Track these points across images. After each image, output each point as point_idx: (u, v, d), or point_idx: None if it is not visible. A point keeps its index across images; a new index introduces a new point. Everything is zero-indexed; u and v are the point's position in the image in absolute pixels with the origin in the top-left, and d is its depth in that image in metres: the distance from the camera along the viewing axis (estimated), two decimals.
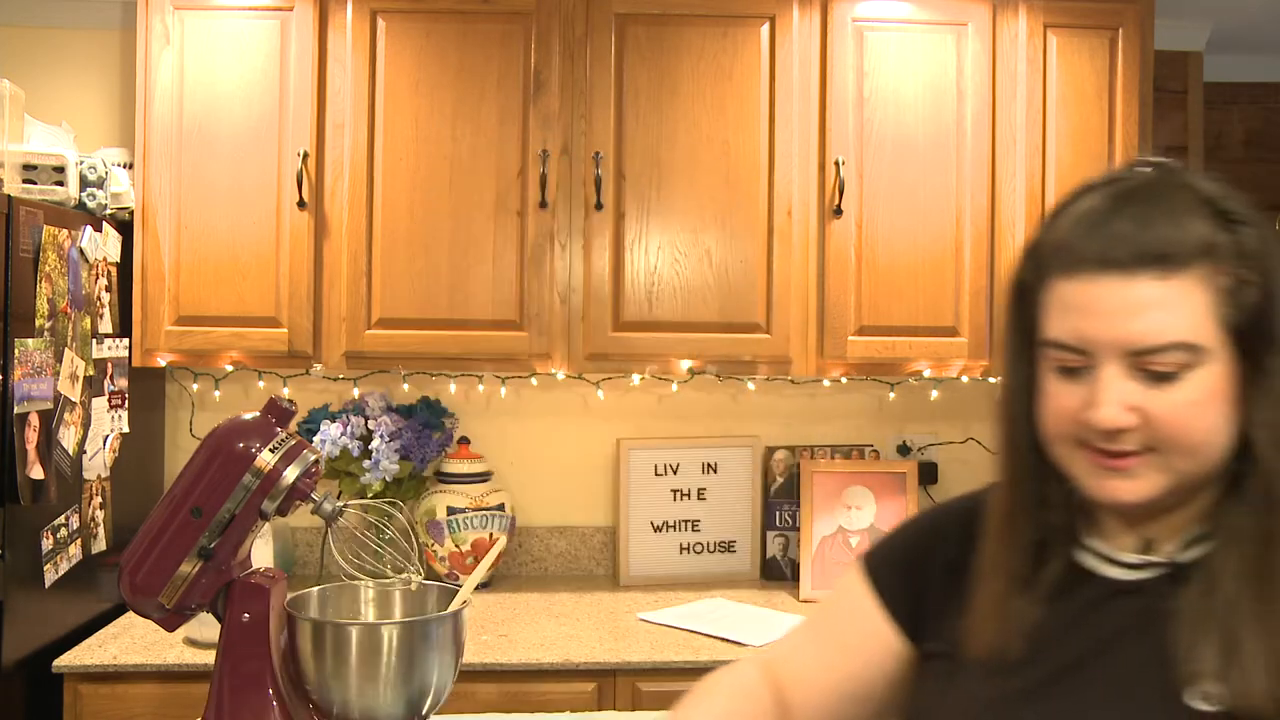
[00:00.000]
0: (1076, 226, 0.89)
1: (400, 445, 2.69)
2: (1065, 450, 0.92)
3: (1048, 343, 0.91)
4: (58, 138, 2.48)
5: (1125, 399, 0.86)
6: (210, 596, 1.42)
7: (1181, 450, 0.87)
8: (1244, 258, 0.86)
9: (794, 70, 2.59)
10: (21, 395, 2.08)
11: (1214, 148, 3.31)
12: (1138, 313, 0.85)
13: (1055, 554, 0.96)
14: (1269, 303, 0.86)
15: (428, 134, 2.55)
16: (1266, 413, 0.86)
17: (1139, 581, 0.92)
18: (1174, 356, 0.85)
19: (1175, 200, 0.88)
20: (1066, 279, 0.89)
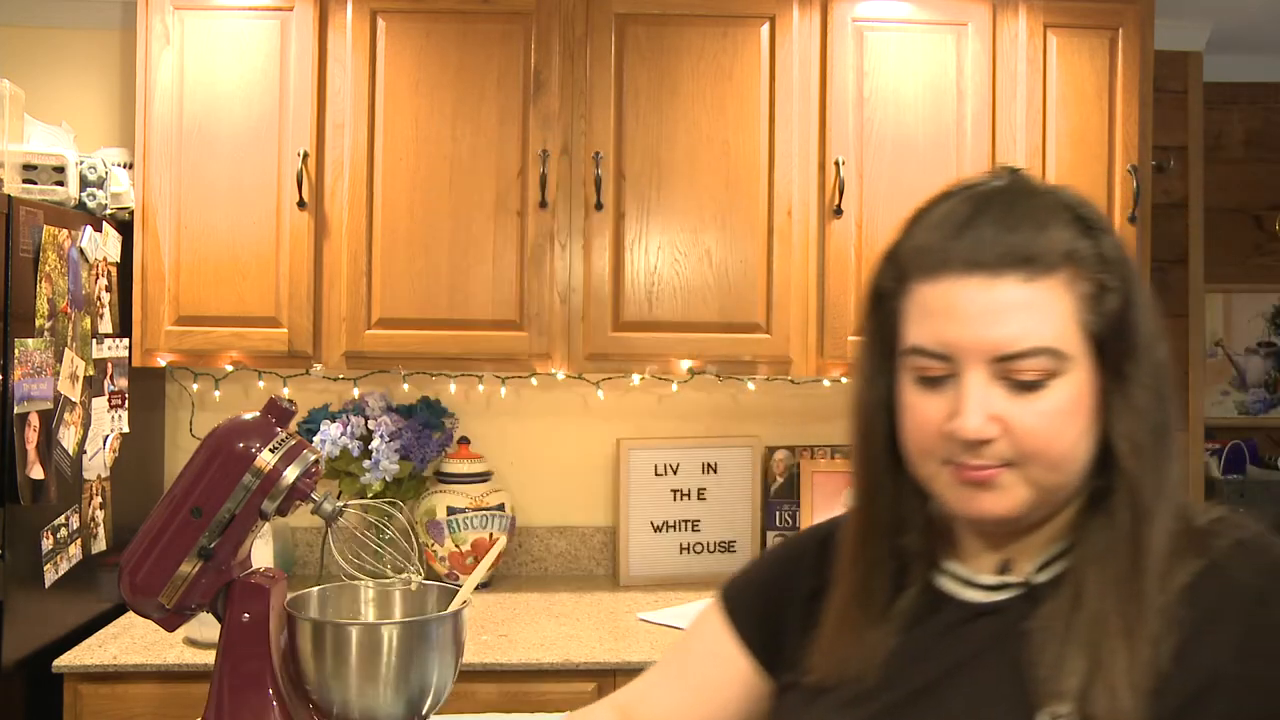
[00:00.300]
0: (939, 230, 0.86)
1: (400, 445, 2.69)
2: (929, 469, 0.88)
3: (909, 350, 0.87)
4: (58, 138, 2.48)
5: (989, 407, 0.83)
6: (210, 596, 1.42)
7: (1045, 463, 0.84)
8: (1105, 264, 0.85)
9: (794, 70, 2.59)
10: (21, 395, 2.08)
11: (1214, 148, 3.31)
12: (1003, 316, 0.82)
13: (912, 578, 0.93)
14: (1129, 310, 0.85)
15: (428, 134, 2.55)
16: (1128, 423, 0.84)
17: (997, 604, 0.90)
18: (1039, 362, 0.82)
19: (1037, 205, 0.86)
20: (929, 282, 0.85)
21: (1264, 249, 3.44)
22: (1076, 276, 0.84)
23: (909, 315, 0.87)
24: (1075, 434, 0.84)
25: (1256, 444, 3.32)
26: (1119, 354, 0.85)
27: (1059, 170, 2.64)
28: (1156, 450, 0.85)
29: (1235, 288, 3.42)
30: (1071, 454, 0.85)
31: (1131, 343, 0.85)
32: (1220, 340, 3.43)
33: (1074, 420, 0.84)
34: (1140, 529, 0.84)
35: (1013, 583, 0.90)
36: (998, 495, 0.85)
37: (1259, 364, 3.45)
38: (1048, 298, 0.83)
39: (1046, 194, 0.87)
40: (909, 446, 0.89)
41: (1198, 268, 3.15)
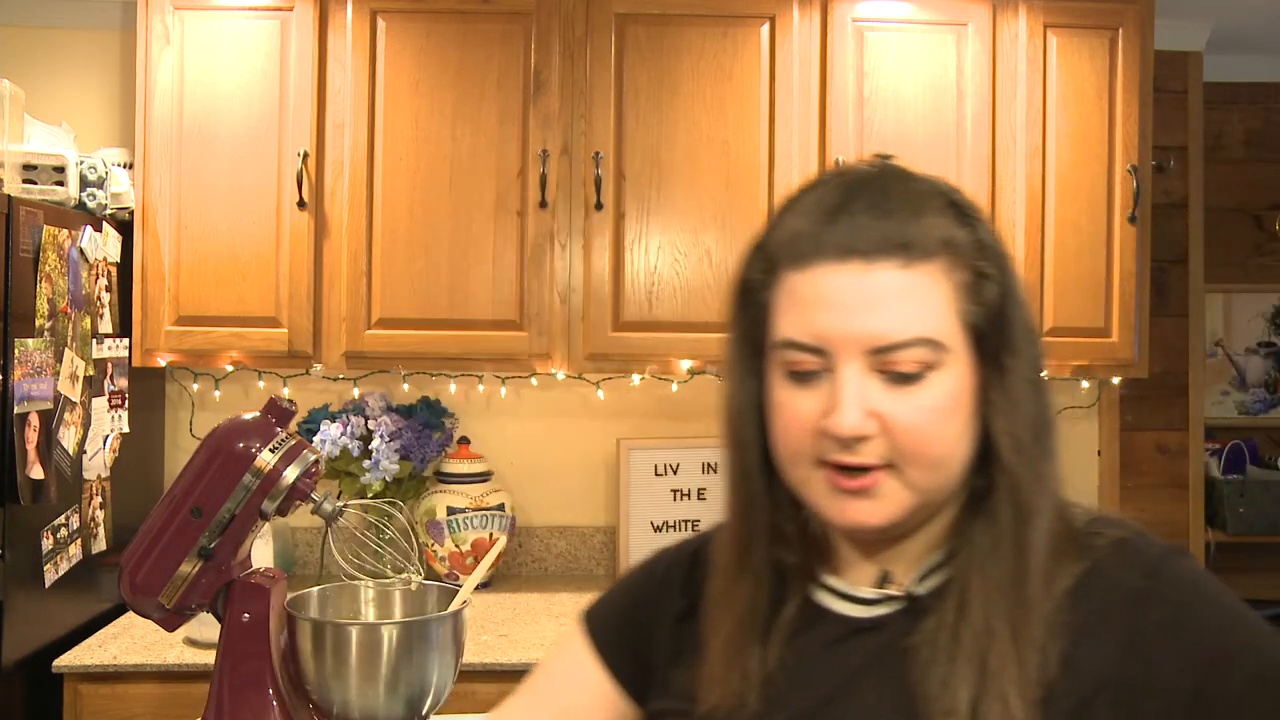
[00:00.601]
0: (809, 217, 0.81)
1: (400, 445, 2.69)
2: (802, 472, 0.82)
3: (780, 344, 0.82)
4: (58, 138, 2.48)
5: (866, 403, 0.78)
6: (210, 596, 1.42)
7: (924, 463, 0.79)
8: (983, 252, 0.81)
9: (794, 70, 2.59)
10: (21, 395, 2.08)
11: (1214, 148, 3.31)
12: (880, 304, 0.78)
13: (790, 593, 0.88)
14: (1006, 301, 0.81)
15: (428, 134, 2.55)
16: (1008, 418, 0.81)
17: (878, 618, 0.85)
18: (918, 353, 0.78)
19: (911, 191, 0.82)
20: (800, 271, 0.80)
21: (1264, 249, 3.44)
22: (954, 265, 0.80)
23: (779, 307, 0.82)
24: (956, 431, 0.80)
25: (1256, 444, 3.32)
26: (998, 346, 0.81)
27: (1059, 170, 2.64)
28: (1036, 447, 0.82)
29: (1235, 288, 3.42)
30: (952, 453, 0.80)
31: (1010, 334, 0.81)
32: (1220, 340, 3.43)
33: (954, 416, 0.80)
34: (1023, 528, 0.80)
35: (894, 595, 0.85)
36: (875, 504, 0.80)
37: (1259, 364, 3.45)
38: (925, 285, 0.79)
39: (920, 181, 0.84)
40: (780, 449, 0.84)
41: (1198, 268, 3.15)
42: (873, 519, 0.81)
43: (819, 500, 0.83)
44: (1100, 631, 0.78)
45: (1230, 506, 3.14)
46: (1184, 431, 3.12)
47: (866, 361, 0.78)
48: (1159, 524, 3.10)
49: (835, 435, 0.79)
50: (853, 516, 0.81)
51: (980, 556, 0.81)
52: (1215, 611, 0.79)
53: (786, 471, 0.84)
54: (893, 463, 0.79)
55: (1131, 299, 2.65)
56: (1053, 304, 2.64)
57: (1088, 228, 2.65)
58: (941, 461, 0.80)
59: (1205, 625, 0.78)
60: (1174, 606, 0.78)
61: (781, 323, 0.82)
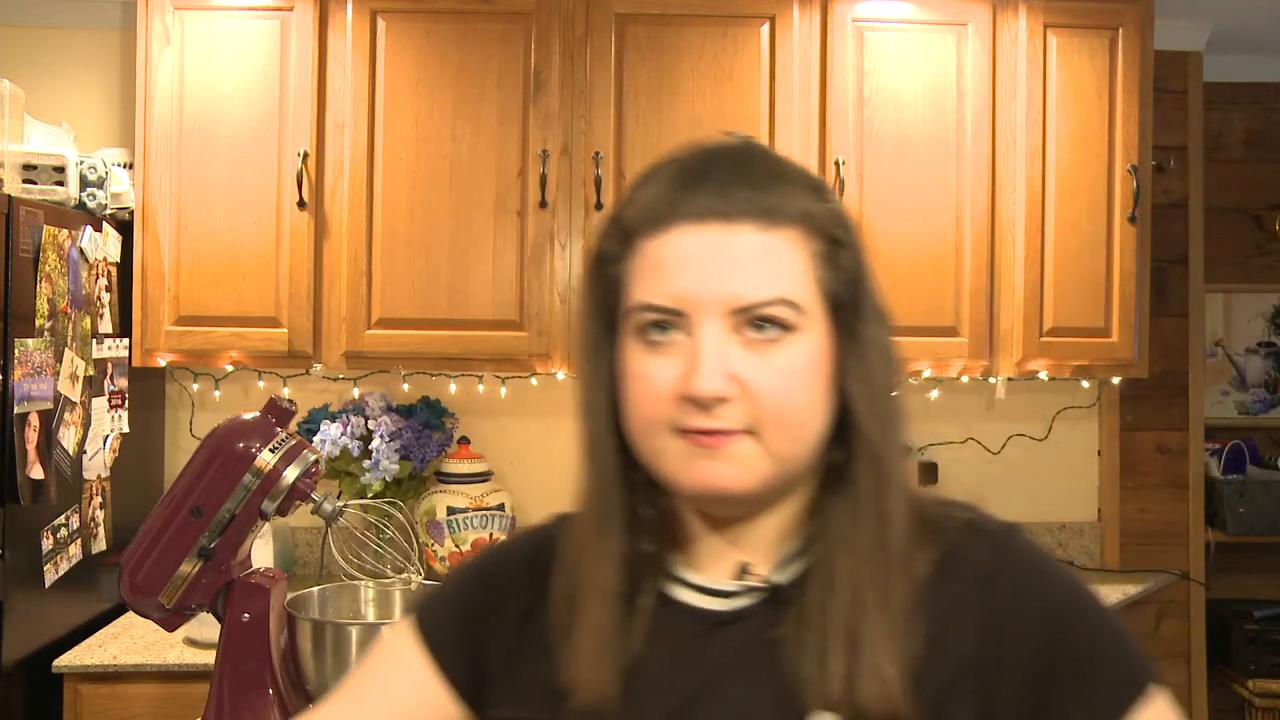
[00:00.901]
0: (669, 184, 0.81)
1: (400, 445, 2.69)
2: (658, 441, 0.79)
3: (636, 308, 0.79)
4: (58, 138, 2.48)
5: (726, 364, 0.76)
6: (210, 596, 1.42)
7: (783, 428, 0.78)
8: (839, 223, 0.81)
9: (794, 70, 2.59)
10: (21, 395, 2.08)
11: (1214, 148, 3.31)
12: (741, 265, 0.77)
13: (643, 587, 0.84)
14: (861, 271, 0.82)
15: (428, 134, 2.55)
16: (864, 387, 0.80)
17: (739, 610, 0.82)
18: (778, 312, 0.77)
19: (770, 162, 0.82)
20: (659, 236, 0.79)
21: (1264, 249, 3.43)
22: (811, 234, 0.79)
23: (635, 275, 0.80)
24: (814, 396, 0.79)
25: (1256, 444, 3.32)
26: (854, 315, 0.81)
27: (1059, 170, 2.64)
28: (891, 417, 0.82)
29: (1235, 288, 3.41)
30: (810, 419, 0.79)
31: (865, 305, 0.82)
32: (1220, 340, 3.43)
33: (813, 382, 0.79)
34: (883, 496, 0.80)
35: (754, 587, 0.82)
36: (733, 466, 0.77)
37: (1259, 364, 3.45)
38: (784, 248, 0.78)
39: (779, 157, 0.84)
40: (635, 420, 0.80)
41: (1198, 268, 3.15)
42: (730, 482, 0.78)
43: (675, 468, 0.79)
44: (960, 615, 0.79)
45: (1230, 506, 3.14)
46: (1184, 431, 3.12)
47: (727, 322, 0.77)
48: (1159, 524, 3.10)
49: (695, 396, 0.76)
50: (710, 480, 0.78)
51: (842, 530, 0.80)
52: (1052, 582, 0.81)
53: (641, 444, 0.81)
54: (752, 428, 0.77)
55: (1131, 299, 2.65)
56: (1053, 304, 2.64)
57: (1088, 228, 2.65)
58: (800, 427, 0.79)
59: (1044, 595, 0.80)
60: (1018, 581, 0.80)
61: (637, 289, 0.80)
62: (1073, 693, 0.76)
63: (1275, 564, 3.29)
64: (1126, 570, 3.04)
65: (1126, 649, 0.79)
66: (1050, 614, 0.79)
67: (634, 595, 0.84)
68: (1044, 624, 0.78)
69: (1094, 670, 0.77)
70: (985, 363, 2.63)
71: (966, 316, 2.61)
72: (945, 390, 3.00)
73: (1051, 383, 2.97)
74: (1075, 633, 0.78)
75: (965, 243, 2.61)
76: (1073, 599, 0.80)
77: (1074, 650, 0.77)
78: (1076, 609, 0.80)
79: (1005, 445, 3.05)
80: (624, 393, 0.81)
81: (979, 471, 3.04)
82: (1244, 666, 3.15)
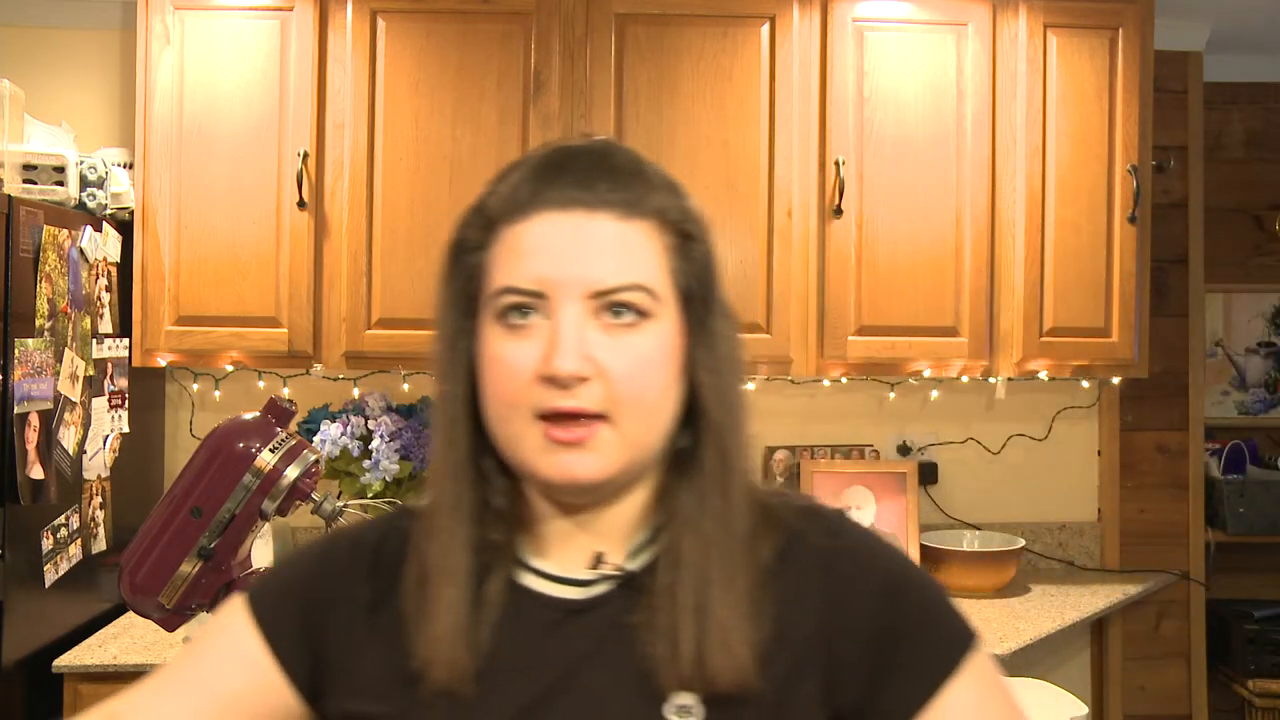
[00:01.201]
0: (532, 176, 0.84)
1: (400, 445, 2.69)
2: (516, 426, 0.82)
3: (498, 291, 0.82)
4: (58, 138, 2.48)
5: (585, 346, 0.79)
6: (210, 596, 1.43)
7: (638, 412, 0.81)
8: (691, 219, 0.86)
9: (794, 70, 2.59)
10: (21, 395, 2.08)
11: (1214, 148, 3.31)
12: (600, 251, 0.81)
13: (496, 576, 0.86)
14: (711, 267, 0.86)
15: (428, 134, 2.55)
16: (713, 375, 0.85)
17: (593, 599, 0.85)
18: (634, 298, 0.81)
19: (628, 159, 0.86)
20: (521, 222, 0.82)
21: (1264, 249, 3.43)
22: (665, 228, 0.84)
23: (497, 261, 0.83)
24: (666, 382, 0.83)
25: (1256, 444, 3.32)
26: (704, 308, 0.85)
27: (1059, 170, 2.64)
28: (737, 406, 0.86)
29: (1235, 288, 3.41)
30: (662, 403, 0.83)
31: (714, 299, 0.86)
32: (1220, 340, 3.43)
33: (666, 368, 0.82)
34: (728, 481, 0.84)
35: (607, 575, 0.85)
36: (591, 457, 0.81)
37: (1259, 364, 3.45)
38: (641, 238, 0.82)
39: (638, 156, 0.88)
40: (495, 403, 0.83)
41: (1198, 268, 3.15)
42: (587, 472, 0.81)
43: (532, 457, 0.82)
44: (803, 594, 0.84)
45: (1230, 506, 3.14)
46: (1184, 431, 3.12)
47: (585, 305, 0.80)
48: (1159, 524, 3.10)
49: (555, 376, 0.79)
50: (569, 470, 0.81)
51: (689, 515, 0.83)
52: (883, 559, 0.87)
53: (499, 429, 0.83)
54: (607, 412, 0.80)
55: (1131, 299, 2.65)
56: (1053, 304, 2.64)
57: (1088, 228, 2.65)
58: (654, 411, 0.82)
59: (876, 571, 0.86)
60: (852, 559, 0.86)
61: (499, 273, 0.82)
62: (905, 656, 0.83)
63: (1275, 564, 3.29)
64: (1126, 570, 3.04)
65: (951, 616, 0.86)
66: (882, 587, 0.85)
67: (484, 583, 0.85)
68: (877, 596, 0.84)
69: (923, 636, 0.84)
70: (985, 363, 2.63)
71: (966, 316, 2.61)
72: (945, 390, 3.00)
73: (1051, 383, 2.97)
74: (906, 602, 0.85)
75: (965, 243, 2.61)
76: (902, 573, 0.87)
77: (905, 618, 0.84)
78: (906, 581, 0.86)
79: (1005, 445, 3.05)
80: (483, 378, 0.83)
81: (979, 471, 3.04)
82: (1244, 666, 3.15)
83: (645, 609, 0.82)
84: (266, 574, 0.97)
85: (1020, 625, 2.51)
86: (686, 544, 0.83)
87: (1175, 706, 3.10)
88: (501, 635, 0.84)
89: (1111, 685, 3.06)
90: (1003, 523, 3.01)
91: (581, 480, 0.81)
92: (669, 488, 0.86)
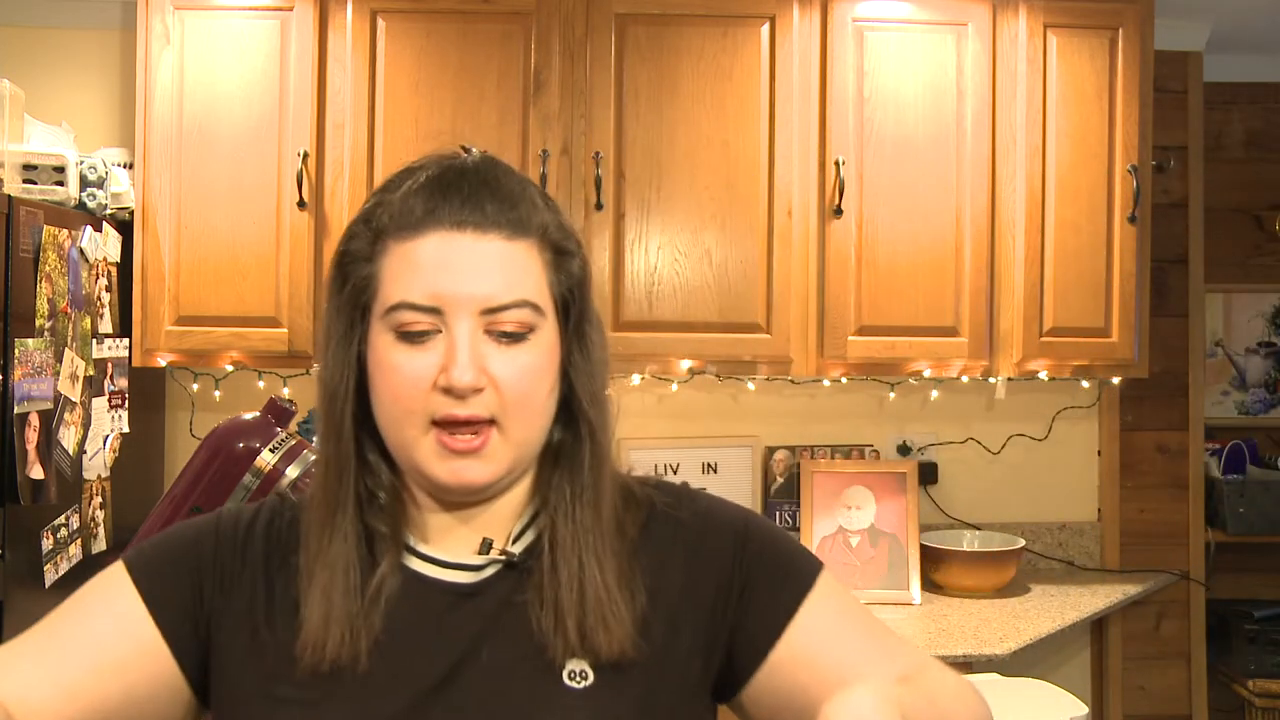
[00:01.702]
0: (422, 193, 0.90)
1: None
2: (412, 432, 0.87)
3: (394, 306, 0.87)
4: (58, 138, 2.48)
5: (479, 359, 0.86)
6: None
7: (524, 417, 0.89)
8: (566, 234, 0.93)
9: (794, 70, 2.59)
10: (21, 395, 2.08)
11: (1214, 148, 3.31)
12: (490, 269, 0.87)
13: (385, 563, 0.90)
14: (585, 278, 0.95)
15: (428, 134, 2.55)
16: (587, 377, 0.94)
17: (482, 582, 0.91)
18: (522, 314, 0.88)
19: (511, 180, 0.92)
20: (415, 240, 0.88)
21: (1264, 249, 3.43)
22: (545, 244, 0.91)
23: (389, 274, 0.88)
24: (548, 388, 0.91)
25: (1256, 444, 3.32)
26: (579, 316, 0.94)
27: (1059, 170, 2.64)
28: (605, 404, 0.95)
29: (1235, 288, 3.41)
30: (544, 407, 0.91)
31: (588, 308, 0.95)
32: (1220, 340, 3.43)
33: (547, 375, 0.90)
34: (599, 474, 0.92)
35: (496, 559, 0.92)
36: (483, 463, 0.88)
37: (1259, 364, 3.45)
38: (526, 257, 0.89)
39: (515, 173, 0.95)
40: (390, 409, 0.88)
41: (1198, 268, 3.14)
42: (481, 477, 0.88)
43: (427, 462, 0.88)
44: (668, 558, 0.94)
45: (1230, 506, 3.14)
46: (1184, 431, 3.12)
47: (478, 321, 0.87)
48: (1159, 524, 3.10)
49: (453, 387, 0.85)
50: (463, 476, 0.88)
51: (565, 505, 0.91)
52: (729, 513, 0.98)
53: (393, 434, 0.89)
54: (496, 418, 0.87)
55: (1131, 299, 2.65)
56: (1053, 304, 2.64)
57: (1088, 228, 2.65)
58: (537, 414, 0.90)
59: (726, 524, 0.96)
60: (705, 519, 0.96)
61: (393, 288, 0.88)
62: (763, 590, 0.93)
63: (1275, 564, 3.29)
64: (1126, 570, 3.04)
65: (796, 550, 0.98)
66: (733, 538, 0.95)
67: (373, 570, 0.90)
68: (730, 544, 0.95)
69: (775, 569, 0.94)
70: (985, 363, 2.63)
71: (966, 316, 2.61)
72: (945, 390, 3.00)
73: (1051, 383, 2.97)
74: (755, 544, 0.95)
75: (965, 243, 2.61)
76: (747, 522, 0.97)
77: (756, 559, 0.94)
78: (752, 528, 0.97)
79: (1005, 445, 3.05)
80: (377, 383, 0.89)
81: (979, 471, 3.04)
82: (1244, 666, 3.15)
83: (532, 588, 0.90)
84: (148, 545, 0.99)
85: (1020, 625, 2.50)
86: (563, 528, 0.91)
87: (1175, 706, 3.10)
88: (398, 619, 0.89)
89: (1111, 685, 3.06)
90: (1003, 523, 3.01)
91: (475, 484, 0.89)
92: (544, 477, 0.94)
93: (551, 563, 0.89)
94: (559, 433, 0.94)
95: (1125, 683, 3.08)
